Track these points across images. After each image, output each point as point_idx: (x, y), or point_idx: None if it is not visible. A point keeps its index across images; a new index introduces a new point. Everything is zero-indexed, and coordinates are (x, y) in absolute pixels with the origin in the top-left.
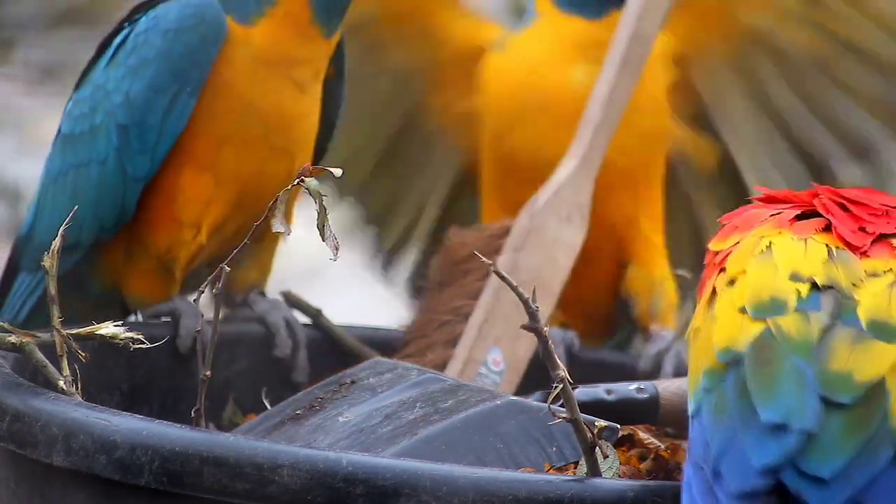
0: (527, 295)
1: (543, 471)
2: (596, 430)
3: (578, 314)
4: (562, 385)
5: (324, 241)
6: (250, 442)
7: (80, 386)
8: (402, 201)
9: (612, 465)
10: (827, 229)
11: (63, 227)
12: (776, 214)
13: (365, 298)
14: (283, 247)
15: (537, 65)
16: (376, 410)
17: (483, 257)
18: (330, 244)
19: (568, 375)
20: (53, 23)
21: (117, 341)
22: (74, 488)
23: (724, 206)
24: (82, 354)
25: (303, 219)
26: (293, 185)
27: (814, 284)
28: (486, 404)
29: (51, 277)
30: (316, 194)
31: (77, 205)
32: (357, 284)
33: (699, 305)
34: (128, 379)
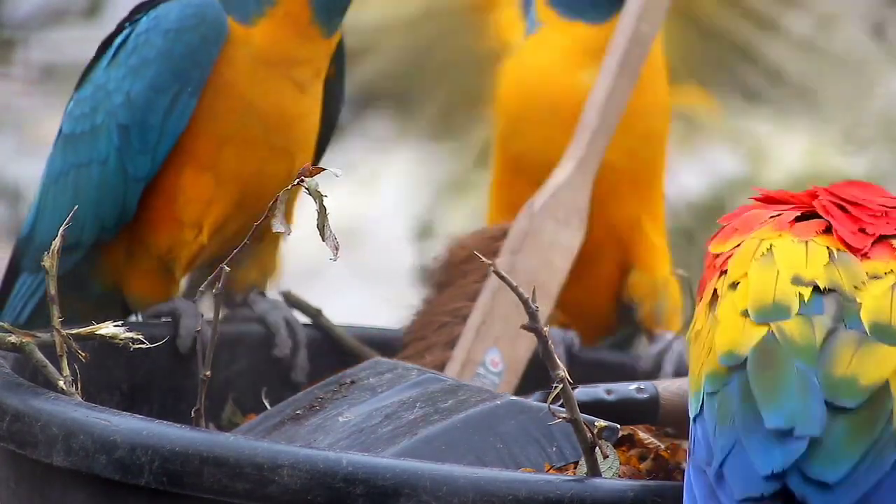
0: (526, 295)
1: (543, 471)
2: (596, 430)
3: (580, 316)
4: (562, 385)
5: (324, 241)
6: (250, 442)
7: (80, 386)
8: None
9: (612, 465)
10: (827, 231)
11: (63, 227)
12: (776, 216)
13: (365, 298)
14: (283, 247)
15: (544, 71)
16: (376, 410)
17: (483, 258)
18: (330, 244)
19: (568, 375)
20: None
21: (117, 341)
22: (74, 488)
23: None
24: (82, 354)
25: (303, 219)
26: (293, 184)
27: (816, 288)
28: (486, 404)
29: (51, 277)
30: (316, 194)
31: (78, 205)
32: (357, 284)
33: (699, 307)
34: (128, 379)
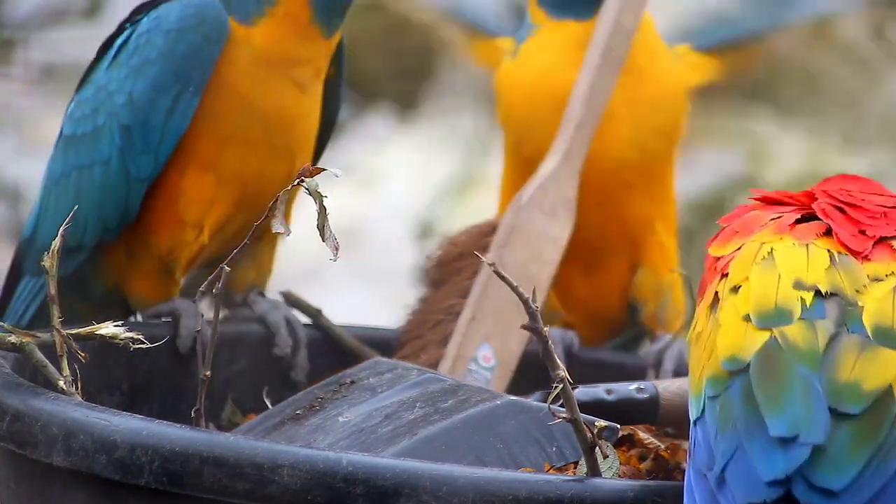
0: (526, 295)
1: (543, 471)
2: (596, 430)
3: (589, 315)
4: (562, 385)
5: (324, 241)
6: (250, 442)
7: (80, 386)
8: None
9: (612, 465)
10: (828, 233)
11: (63, 227)
12: (776, 219)
13: (365, 298)
14: (283, 247)
15: (543, 72)
16: (376, 410)
17: (478, 254)
18: (330, 244)
19: (568, 375)
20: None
21: (117, 341)
22: (74, 488)
23: None
24: (82, 354)
25: (303, 219)
26: (293, 184)
27: (817, 292)
28: (486, 404)
29: (50, 277)
30: (316, 194)
31: (80, 206)
32: (357, 284)
33: (700, 309)
34: (128, 379)
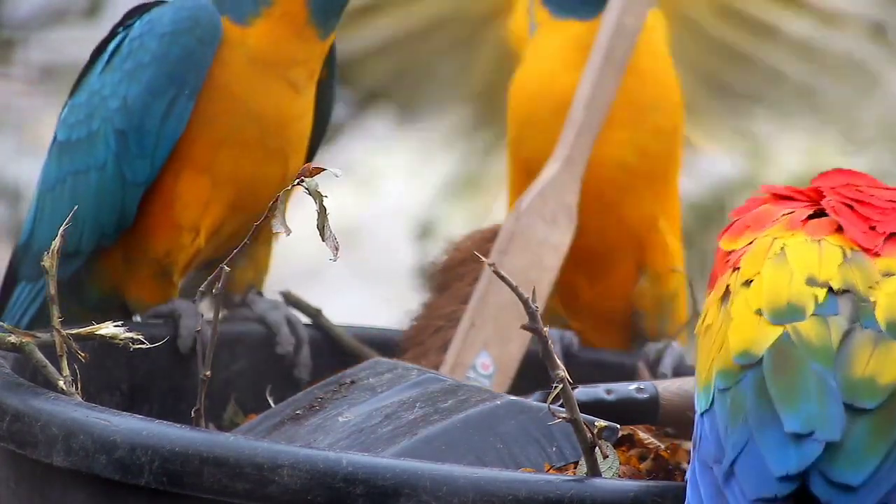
0: (526, 295)
1: (543, 471)
2: (596, 430)
3: (595, 320)
4: (562, 385)
5: (324, 241)
6: (250, 442)
7: (80, 386)
8: None
9: (612, 465)
10: (840, 230)
11: (63, 227)
12: (788, 214)
13: (365, 298)
14: (282, 247)
15: (544, 74)
16: (376, 410)
17: (479, 255)
18: (330, 244)
19: (568, 375)
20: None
21: (117, 341)
22: (74, 488)
23: None
24: (82, 354)
25: (303, 219)
26: (293, 184)
27: (830, 289)
28: (486, 404)
29: (50, 277)
30: (316, 194)
31: (77, 212)
32: (357, 284)
33: (710, 300)
34: (128, 379)
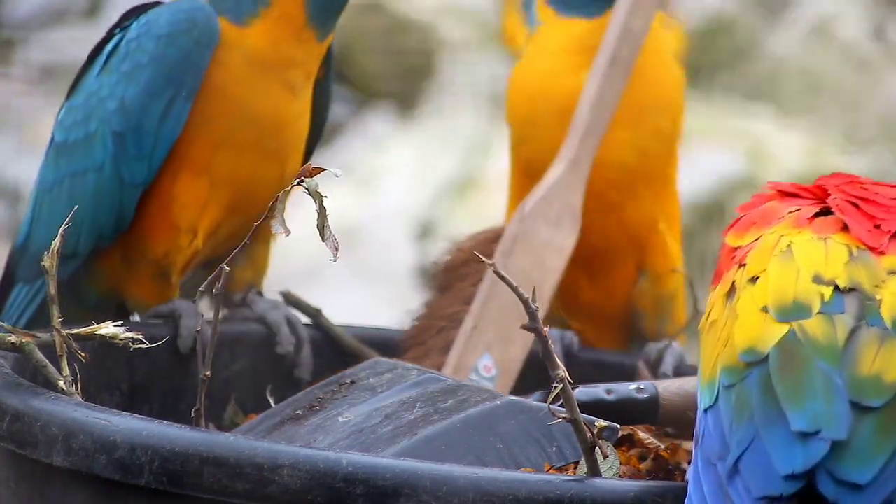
0: (526, 295)
1: (543, 471)
2: (596, 430)
3: (595, 319)
4: (562, 385)
5: (324, 241)
6: (250, 442)
7: (80, 386)
8: None
9: (612, 465)
10: (845, 228)
11: (63, 227)
12: (794, 212)
13: (365, 298)
14: (282, 247)
15: (545, 74)
16: (376, 410)
17: (483, 258)
18: (330, 244)
19: (568, 375)
20: (53, 23)
21: (117, 341)
22: (74, 488)
23: None
24: (82, 354)
25: (303, 219)
26: (293, 184)
27: (836, 287)
28: (486, 404)
29: (50, 277)
30: (316, 194)
31: (71, 215)
32: (357, 284)
33: (714, 296)
34: (128, 379)
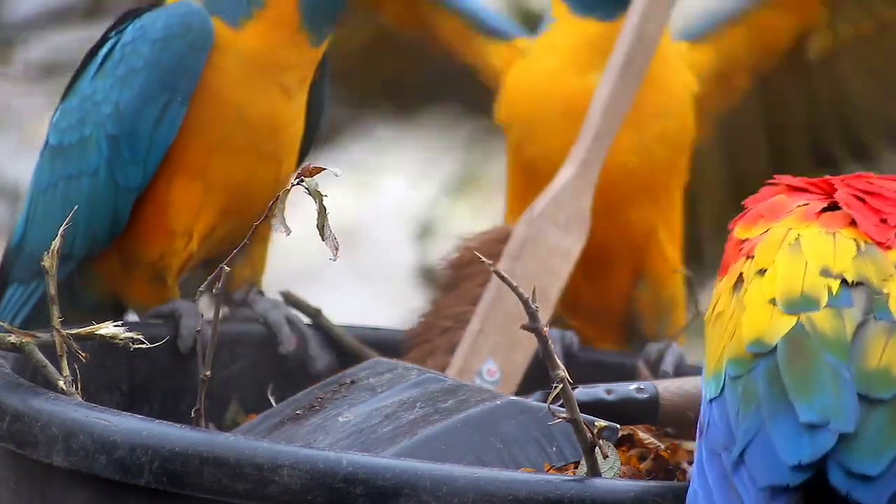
0: (526, 295)
1: (543, 471)
2: (596, 430)
3: (592, 320)
4: (562, 385)
5: (324, 241)
6: (250, 442)
7: (80, 386)
8: None
9: (612, 465)
10: (854, 223)
11: (63, 228)
12: (803, 206)
13: (365, 298)
14: (282, 247)
15: (553, 73)
16: (376, 410)
17: (484, 259)
18: (330, 244)
19: (568, 375)
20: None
21: (117, 341)
22: (74, 488)
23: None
24: (82, 354)
25: (303, 219)
26: (293, 184)
27: (844, 281)
28: (486, 404)
29: (50, 277)
30: (316, 194)
31: (69, 216)
32: (357, 284)
33: (721, 288)
34: (128, 379)
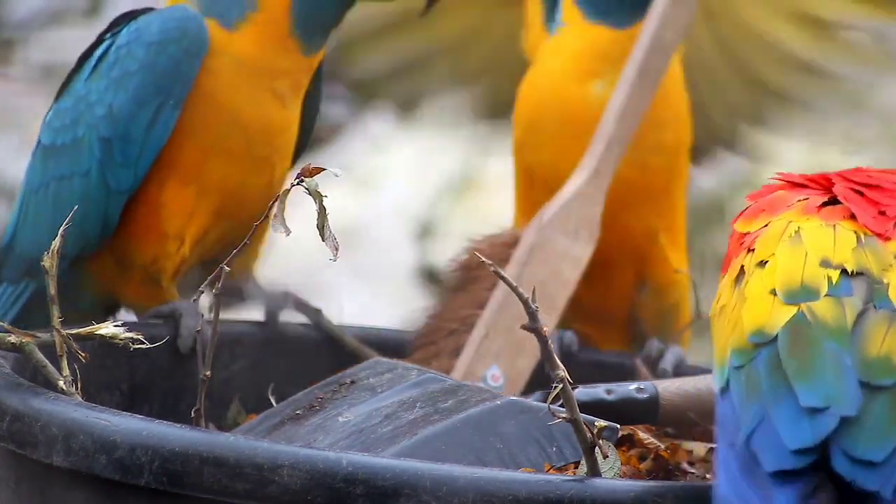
0: (526, 296)
1: (543, 471)
2: (596, 430)
3: (594, 323)
4: (562, 385)
5: (324, 241)
6: (250, 442)
7: (80, 386)
8: None
9: (612, 465)
10: (854, 216)
11: (63, 228)
12: (803, 200)
13: (365, 298)
14: (282, 247)
15: (558, 78)
16: (376, 410)
17: (489, 262)
18: (330, 244)
19: (568, 375)
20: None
21: (117, 341)
22: (74, 488)
23: None
24: (82, 354)
25: (303, 219)
26: (293, 184)
27: (843, 271)
28: (486, 404)
29: (51, 277)
30: (316, 194)
31: (59, 217)
32: (357, 284)
33: (723, 283)
34: (128, 379)
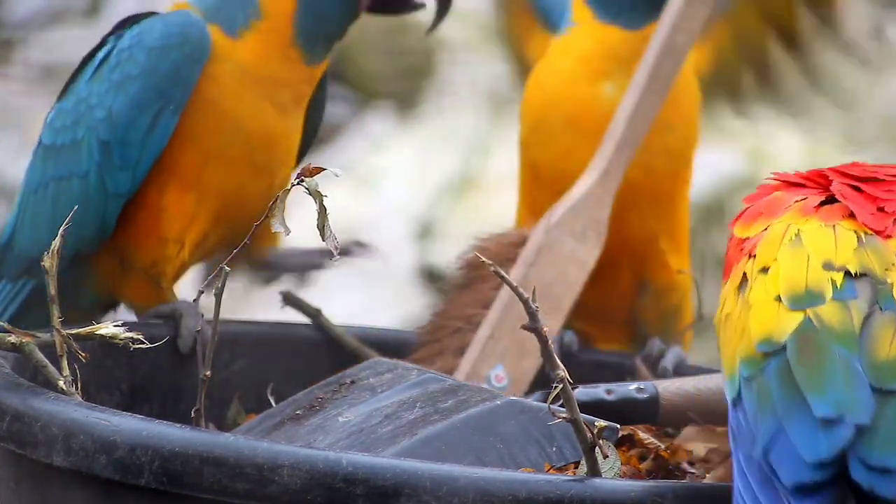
0: (527, 296)
1: (543, 471)
2: (596, 430)
3: (595, 324)
4: (562, 385)
5: (324, 241)
6: (250, 442)
7: (80, 386)
8: None
9: (612, 465)
10: (853, 214)
11: (63, 227)
12: (800, 200)
13: (365, 298)
14: (282, 247)
15: (566, 78)
16: (376, 410)
17: (494, 263)
18: (330, 244)
19: (567, 375)
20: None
21: (117, 341)
22: (74, 488)
23: None
24: (82, 354)
25: (303, 219)
26: (293, 184)
27: (847, 273)
28: (486, 404)
29: (51, 277)
30: (316, 194)
31: (58, 217)
32: (357, 284)
33: (726, 290)
34: (128, 379)
